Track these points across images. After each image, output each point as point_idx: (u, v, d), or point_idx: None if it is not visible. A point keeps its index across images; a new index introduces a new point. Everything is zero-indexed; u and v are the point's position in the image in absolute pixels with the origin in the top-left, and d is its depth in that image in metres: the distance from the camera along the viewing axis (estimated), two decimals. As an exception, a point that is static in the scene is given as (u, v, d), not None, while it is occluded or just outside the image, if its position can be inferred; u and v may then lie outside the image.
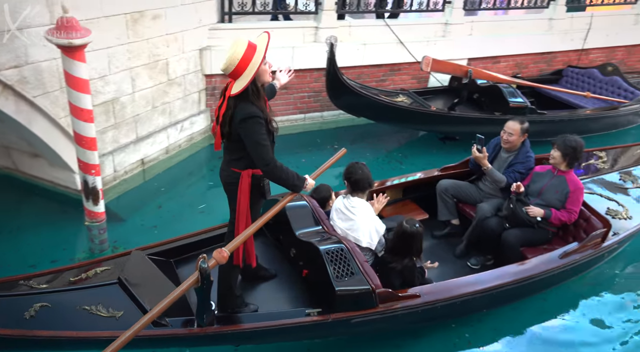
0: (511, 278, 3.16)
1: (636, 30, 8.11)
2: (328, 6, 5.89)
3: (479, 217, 3.71)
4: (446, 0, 6.63)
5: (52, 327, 2.41)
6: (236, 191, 2.62)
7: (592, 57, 7.94)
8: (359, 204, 3.11)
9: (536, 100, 6.65)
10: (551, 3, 7.30)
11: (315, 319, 2.72)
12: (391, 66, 6.61)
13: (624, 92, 6.55)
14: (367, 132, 6.65)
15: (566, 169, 3.61)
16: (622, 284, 4.03)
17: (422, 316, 3.02)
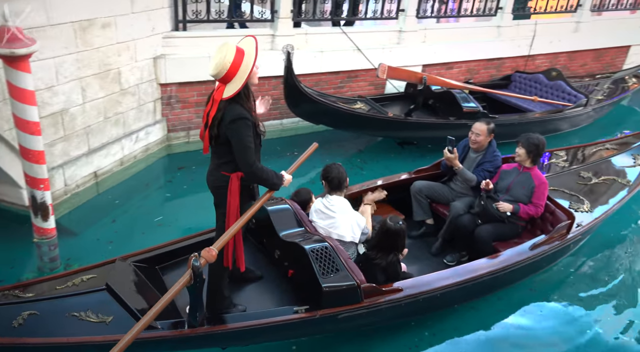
0: (486, 270, 3.33)
1: (576, 38, 8.58)
2: (284, 14, 5.90)
3: (452, 215, 3.90)
4: (400, 8, 6.78)
5: (42, 334, 2.41)
6: (225, 194, 2.67)
7: (537, 62, 8.33)
8: (337, 202, 3.23)
9: (488, 104, 6.92)
10: (498, 11, 7.62)
11: (303, 316, 2.79)
12: (348, 73, 6.69)
13: (567, 96, 6.91)
14: (326, 139, 6.68)
15: (531, 166, 3.84)
16: (582, 277, 4.25)
17: (405, 309, 3.14)
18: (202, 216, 4.76)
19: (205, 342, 2.80)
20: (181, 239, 3.35)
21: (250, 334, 2.79)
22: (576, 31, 8.55)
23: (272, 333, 2.90)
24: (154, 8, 5.21)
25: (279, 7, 5.86)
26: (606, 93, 7.42)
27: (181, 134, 6.01)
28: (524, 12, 8.01)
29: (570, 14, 8.52)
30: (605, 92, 7.44)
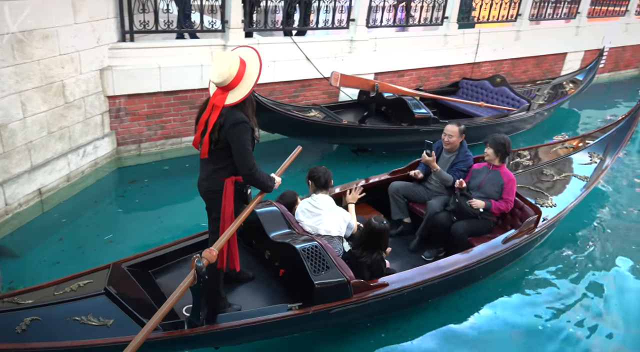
0: (464, 263, 3.54)
1: (518, 45, 9.04)
2: (235, 24, 5.87)
3: (429, 213, 4.10)
4: (350, 18, 6.91)
5: (45, 339, 2.45)
6: (219, 198, 2.75)
7: (483, 69, 8.70)
8: (323, 199, 3.40)
9: (438, 110, 7.13)
10: (445, 21, 7.91)
11: (297, 312, 2.89)
12: (302, 82, 6.73)
13: (511, 101, 7.24)
14: (283, 148, 6.64)
15: (499, 164, 4.10)
16: (547, 270, 4.47)
17: (391, 303, 3.28)
18: (157, 229, 4.66)
19: (203, 342, 2.86)
20: (171, 243, 3.41)
21: (246, 332, 2.87)
22: (517, 39, 9.01)
23: (267, 330, 2.97)
24: (98, 18, 5.06)
25: (229, 17, 5.83)
26: (546, 98, 7.83)
27: (132, 147, 5.84)
28: (469, 21, 8.35)
29: (511, 23, 8.97)
30: (545, 97, 7.85)
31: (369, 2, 6.93)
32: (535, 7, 9.04)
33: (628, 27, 11.01)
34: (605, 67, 10.91)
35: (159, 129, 5.93)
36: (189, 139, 6.18)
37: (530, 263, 4.47)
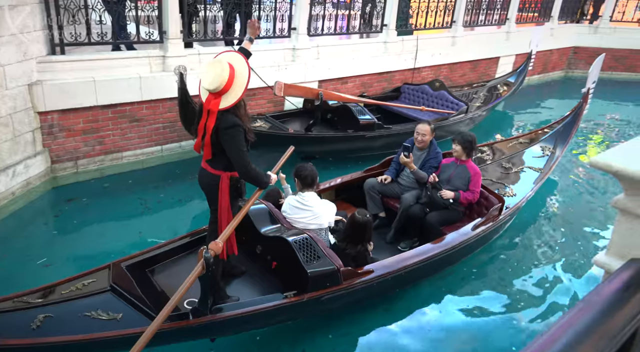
0: (441, 249, 3.86)
1: (454, 51, 9.44)
2: (173, 35, 5.74)
3: (404, 206, 4.36)
4: (291, 27, 6.94)
5: (60, 334, 2.58)
6: (216, 192, 2.97)
7: (423, 74, 9.00)
8: (310, 196, 3.62)
9: (382, 115, 7.30)
10: (384, 28, 8.13)
11: (293, 300, 3.10)
12: (247, 91, 6.65)
13: (450, 104, 7.53)
14: (229, 159, 6.59)
15: (466, 159, 4.43)
16: (511, 255, 4.81)
17: (377, 288, 3.54)
18: (98, 249, 4.44)
19: (205, 332, 3.01)
20: (164, 243, 3.57)
21: (246, 321, 3.04)
22: (453, 45, 9.40)
23: (265, 318, 3.16)
24: (24, 31, 4.78)
25: (167, 27, 5.69)
26: (482, 100, 8.22)
27: (68, 164, 5.54)
28: (407, 28, 8.62)
29: (446, 29, 9.35)
30: (482, 99, 8.23)
31: (309, 10, 7.00)
32: (468, 14, 9.49)
33: (553, 31, 11.79)
34: (535, 70, 11.60)
35: (97, 145, 5.67)
36: (130, 154, 5.95)
37: (496, 249, 4.82)
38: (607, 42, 12.42)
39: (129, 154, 5.94)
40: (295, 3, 6.92)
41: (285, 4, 6.80)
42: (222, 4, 6.34)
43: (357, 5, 8.02)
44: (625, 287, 0.71)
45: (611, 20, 12.47)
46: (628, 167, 0.79)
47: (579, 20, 12.70)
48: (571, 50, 12.72)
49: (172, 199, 5.49)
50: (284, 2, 6.77)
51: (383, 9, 7.99)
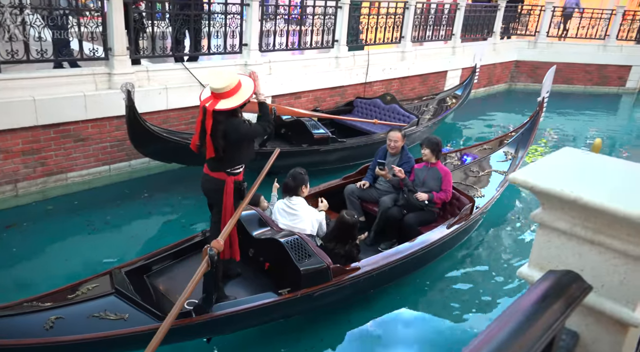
0: (420, 247, 4.12)
1: (404, 65, 9.72)
2: (119, 51, 5.59)
3: (382, 209, 4.61)
4: (243, 43, 6.93)
5: (72, 333, 2.74)
6: (221, 195, 3.22)
7: (375, 88, 9.20)
8: (299, 202, 3.89)
9: (336, 129, 7.38)
10: (335, 43, 8.27)
11: (288, 296, 3.29)
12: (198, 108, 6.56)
13: (402, 117, 7.72)
14: (183, 176, 6.44)
15: (435, 161, 4.74)
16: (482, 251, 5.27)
17: (363, 284, 3.77)
18: (39, 274, 4.20)
19: (206, 329, 3.17)
20: (158, 251, 3.70)
21: (244, 317, 3.22)
22: (403, 60, 9.69)
23: (261, 315, 3.35)
24: (-45, 48, 4.52)
25: (112, 44, 5.53)
26: (432, 112, 8.48)
27: (6, 188, 5.23)
28: (357, 44, 8.81)
29: (396, 44, 9.63)
30: (432, 112, 8.50)
31: (260, 26, 7.02)
32: (416, 30, 9.82)
33: (495, 46, 12.39)
34: (481, 83, 12.12)
35: (38, 166, 5.39)
36: (75, 175, 5.70)
37: (467, 247, 5.22)
38: (545, 56, 13.18)
39: (74, 175, 5.69)
40: (246, 19, 6.93)
41: (236, 19, 6.79)
42: (171, 20, 6.25)
43: (309, 21, 8.12)
44: (543, 298, 0.74)
45: (548, 36, 13.27)
46: (542, 184, 0.83)
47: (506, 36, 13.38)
48: (513, 64, 13.40)
49: (122, 219, 5.29)
50: (234, 18, 6.76)
51: (334, 24, 8.14)
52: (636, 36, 13.53)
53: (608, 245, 0.81)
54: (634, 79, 13.53)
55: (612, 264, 0.82)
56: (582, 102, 12.64)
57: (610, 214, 0.77)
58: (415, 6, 9.45)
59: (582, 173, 0.85)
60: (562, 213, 0.85)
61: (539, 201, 0.88)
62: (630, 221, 0.75)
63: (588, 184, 0.81)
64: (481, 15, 11.73)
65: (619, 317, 0.81)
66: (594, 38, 13.38)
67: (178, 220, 5.53)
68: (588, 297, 0.83)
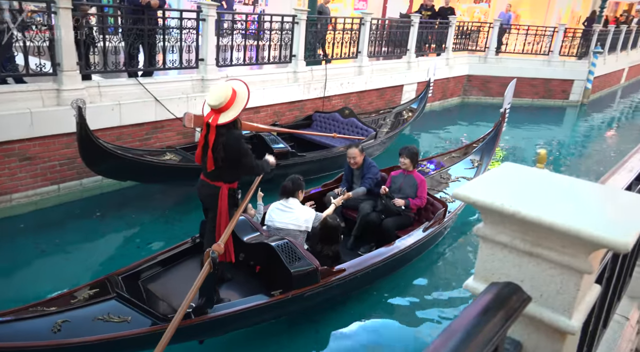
0: (399, 249, 4.38)
1: (361, 80, 9.89)
2: (68, 67, 5.39)
3: (362, 214, 4.86)
4: (199, 57, 6.86)
5: (79, 335, 2.86)
6: (216, 201, 3.35)
7: (333, 102, 9.31)
8: (294, 202, 4.20)
9: (295, 144, 7.39)
10: (293, 58, 8.33)
11: (280, 297, 3.49)
12: (153, 124, 6.42)
13: (360, 131, 7.84)
14: (138, 194, 6.25)
15: (412, 169, 5.05)
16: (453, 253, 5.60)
17: (349, 284, 4.01)
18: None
19: (203, 332, 3.32)
20: (150, 257, 3.84)
21: (239, 318, 3.39)
22: (360, 74, 9.87)
23: (256, 316, 3.52)
24: None
25: (61, 59, 5.34)
26: (390, 126, 8.66)
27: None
28: (315, 58, 8.92)
29: (352, 59, 9.82)
30: (389, 125, 8.67)
31: (216, 41, 6.99)
32: (372, 46, 10.05)
33: (448, 61, 12.86)
34: (435, 97, 12.50)
35: (-20, 188, 5.10)
36: (21, 196, 5.41)
37: (442, 248, 5.59)
38: (495, 71, 13.79)
39: (20, 196, 5.40)
40: (202, 33, 6.88)
41: (192, 34, 6.73)
42: (124, 34, 6.11)
43: (266, 36, 8.15)
44: (484, 311, 0.76)
45: (497, 52, 13.91)
46: (483, 199, 0.86)
47: None
48: (465, 78, 13.93)
49: (73, 241, 5.07)
50: (190, 33, 6.69)
51: (291, 40, 8.21)
52: (577, 52, 14.39)
53: (545, 256, 0.85)
54: (576, 92, 14.36)
55: (549, 275, 0.86)
56: (531, 115, 13.26)
57: (546, 227, 0.80)
58: (371, 22, 9.69)
59: (520, 188, 0.89)
60: (502, 227, 0.88)
61: (482, 215, 0.91)
62: (565, 233, 0.79)
63: (526, 199, 0.85)
64: (435, 31, 12.18)
65: (557, 326, 0.85)
66: (539, 53, 14.13)
67: (132, 240, 5.36)
68: (528, 307, 0.86)
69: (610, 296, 1.76)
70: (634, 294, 2.36)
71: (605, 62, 15.62)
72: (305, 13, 8.26)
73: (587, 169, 9.69)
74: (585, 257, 0.82)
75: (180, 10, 7.45)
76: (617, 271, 1.73)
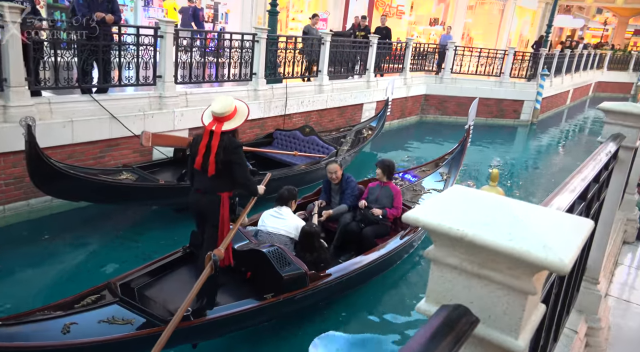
0: (379, 255, 4.68)
1: (321, 98, 10.00)
2: (16, 82, 5.15)
3: (342, 224, 5.12)
4: (157, 74, 6.75)
5: (86, 337, 3.03)
6: (217, 209, 3.61)
7: (294, 120, 9.35)
8: (287, 211, 4.56)
9: (257, 161, 7.33)
10: (253, 76, 8.33)
11: (272, 300, 3.71)
12: (108, 142, 6.22)
13: (321, 148, 7.88)
14: (91, 215, 6.01)
15: (387, 181, 5.36)
16: None
17: (335, 288, 4.28)
18: None
19: (199, 334, 3.49)
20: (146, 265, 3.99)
21: (235, 321, 3.61)
22: (320, 93, 9.98)
23: (250, 318, 3.73)
24: None
25: (7, 74, 5.10)
26: (350, 143, 8.77)
27: None
28: (275, 77, 8.96)
29: (313, 78, 9.93)
30: (349, 143, 8.78)
31: (175, 58, 6.90)
32: (332, 65, 10.21)
33: (406, 81, 13.24)
34: (394, 115, 12.81)
35: None
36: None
37: (417, 257, 5.87)
38: (450, 91, 14.31)
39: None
40: (159, 50, 6.77)
41: (149, 51, 6.62)
42: (77, 50, 5.93)
43: (226, 54, 8.13)
44: (434, 335, 0.77)
45: (452, 72, 14.46)
46: (432, 221, 0.88)
47: None
48: (423, 98, 14.37)
49: (18, 265, 4.78)
50: (147, 50, 6.58)
51: (251, 58, 8.22)
52: (526, 74, 15.18)
53: (492, 278, 0.87)
54: (526, 112, 15.09)
55: (496, 296, 0.88)
56: (485, 133, 13.79)
57: (491, 249, 0.82)
58: (330, 42, 9.86)
59: (468, 211, 0.91)
60: (452, 249, 0.90)
61: (432, 238, 0.93)
62: (508, 256, 0.81)
63: (473, 222, 0.87)
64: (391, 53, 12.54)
65: (504, 346, 0.87)
66: (492, 75, 14.80)
67: (84, 263, 5.12)
68: (477, 329, 0.88)
69: (559, 311, 1.83)
70: (581, 308, 2.46)
71: (552, 84, 16.54)
72: (265, 32, 8.32)
73: (537, 187, 10.14)
74: (529, 278, 0.84)
75: (137, 26, 7.34)
76: (565, 287, 1.80)
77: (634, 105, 2.54)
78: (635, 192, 4.55)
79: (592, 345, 2.44)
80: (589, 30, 33.52)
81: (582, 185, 1.65)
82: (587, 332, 2.42)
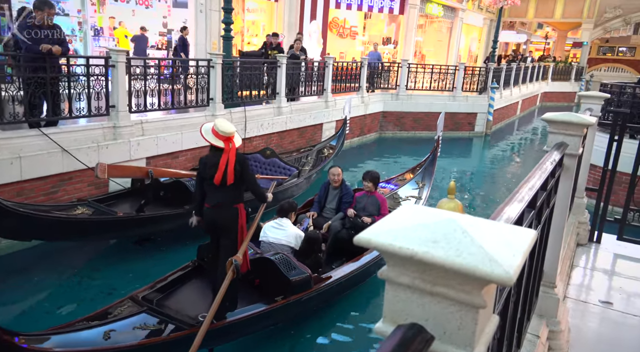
0: (373, 256, 5.07)
1: (281, 120, 10.04)
2: (-42, 119, 4.94)
3: (333, 232, 5.43)
4: (110, 104, 6.59)
5: (124, 341, 3.46)
6: (236, 220, 3.96)
7: (255, 143, 9.32)
8: (287, 222, 4.95)
9: (218, 187, 7.24)
10: (210, 102, 8.28)
11: (282, 302, 4.07)
12: (60, 176, 5.98)
13: (283, 170, 7.88)
14: (45, 254, 5.73)
15: (374, 190, 5.79)
16: None
17: (335, 289, 4.70)
18: None
19: (220, 335, 3.82)
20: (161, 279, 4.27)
21: (252, 323, 3.96)
22: (279, 115, 10.02)
23: (264, 320, 4.09)
24: None
25: (-52, 111, 4.88)
26: (312, 163, 8.81)
27: None
28: (233, 101, 8.93)
29: (271, 100, 9.97)
30: (311, 163, 8.83)
31: (128, 87, 6.78)
32: (289, 87, 10.30)
33: (363, 99, 13.50)
34: (354, 133, 13.00)
35: None
36: None
37: None
38: (407, 107, 14.70)
39: None
40: (111, 79, 6.64)
41: (101, 81, 6.47)
42: (23, 83, 5.72)
43: (181, 81, 8.05)
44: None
45: (407, 89, 14.88)
46: (384, 242, 0.89)
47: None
48: (381, 115, 14.67)
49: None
50: (98, 80, 6.43)
51: (207, 83, 8.18)
52: (477, 87, 15.82)
53: (444, 294, 0.89)
54: (480, 124, 15.68)
55: (449, 312, 0.89)
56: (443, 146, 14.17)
57: (440, 266, 0.84)
58: (286, 64, 9.96)
59: (418, 229, 0.92)
60: (403, 269, 0.91)
61: (385, 259, 0.94)
62: (456, 272, 0.83)
63: (422, 240, 0.88)
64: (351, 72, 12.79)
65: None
66: (445, 90, 15.33)
67: (40, 305, 4.86)
68: (434, 346, 0.89)
69: (520, 317, 1.87)
70: (541, 312, 2.53)
71: (502, 96, 17.29)
72: (220, 57, 8.32)
73: (494, 195, 10.48)
74: (479, 292, 0.86)
75: (87, 56, 7.20)
76: (522, 294, 1.85)
77: (574, 115, 2.68)
78: (584, 195, 4.78)
79: (554, 348, 2.50)
80: (532, 44, 35.44)
81: (530, 194, 1.71)
82: (549, 336, 2.49)
